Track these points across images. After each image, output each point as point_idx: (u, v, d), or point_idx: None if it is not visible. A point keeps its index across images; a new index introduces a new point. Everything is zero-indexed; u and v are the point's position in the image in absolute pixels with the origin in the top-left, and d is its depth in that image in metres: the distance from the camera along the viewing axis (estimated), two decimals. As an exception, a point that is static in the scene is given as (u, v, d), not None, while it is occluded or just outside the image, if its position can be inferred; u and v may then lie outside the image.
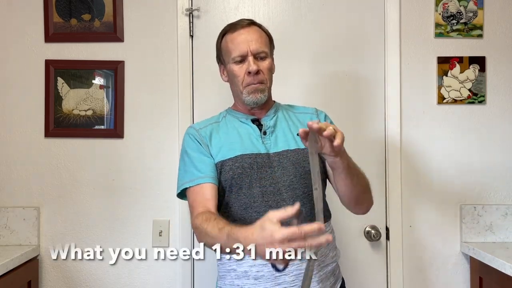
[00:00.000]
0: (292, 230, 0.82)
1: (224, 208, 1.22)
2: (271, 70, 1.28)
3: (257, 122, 1.27)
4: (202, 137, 1.25)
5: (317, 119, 1.32)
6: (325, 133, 0.93)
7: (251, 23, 1.28)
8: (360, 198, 1.19)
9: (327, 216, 1.26)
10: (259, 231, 0.87)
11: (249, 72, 1.21)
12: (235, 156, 1.19)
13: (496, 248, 1.63)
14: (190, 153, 1.23)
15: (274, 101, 1.34)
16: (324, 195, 1.27)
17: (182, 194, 1.25)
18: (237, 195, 1.19)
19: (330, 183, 1.26)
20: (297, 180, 1.18)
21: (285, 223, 0.90)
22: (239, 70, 1.23)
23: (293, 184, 1.18)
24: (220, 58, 1.31)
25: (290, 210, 0.85)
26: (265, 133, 1.24)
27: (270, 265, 1.06)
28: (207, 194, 1.17)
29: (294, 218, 0.87)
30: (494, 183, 1.77)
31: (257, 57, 1.23)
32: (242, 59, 1.23)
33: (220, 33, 1.31)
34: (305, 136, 0.96)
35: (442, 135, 1.77)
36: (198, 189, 1.18)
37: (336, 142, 0.96)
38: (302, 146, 1.22)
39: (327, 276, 1.20)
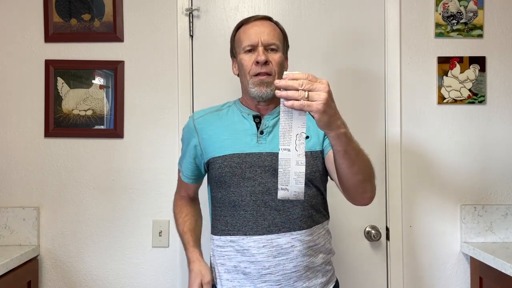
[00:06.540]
0: None
1: (217, 202, 1.25)
2: (281, 64, 1.24)
3: (258, 119, 1.26)
4: (192, 130, 1.30)
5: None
6: (286, 103, 0.88)
7: (267, 17, 1.29)
8: (358, 189, 1.09)
9: (324, 217, 1.26)
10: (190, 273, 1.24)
11: (257, 62, 1.20)
12: (224, 155, 1.21)
13: (496, 248, 1.62)
14: (182, 146, 1.38)
15: None
16: (323, 194, 1.27)
17: None
18: (226, 192, 1.21)
19: (331, 178, 1.24)
20: None
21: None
22: (248, 59, 1.23)
23: None
24: (233, 50, 1.32)
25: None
26: (262, 132, 1.23)
27: (255, 263, 1.17)
28: (186, 187, 1.41)
29: None
30: (494, 183, 1.77)
31: (268, 48, 1.23)
32: (252, 48, 1.23)
33: (235, 26, 1.32)
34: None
35: (442, 135, 1.77)
36: (182, 179, 1.41)
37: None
38: None
39: (315, 276, 1.20)
